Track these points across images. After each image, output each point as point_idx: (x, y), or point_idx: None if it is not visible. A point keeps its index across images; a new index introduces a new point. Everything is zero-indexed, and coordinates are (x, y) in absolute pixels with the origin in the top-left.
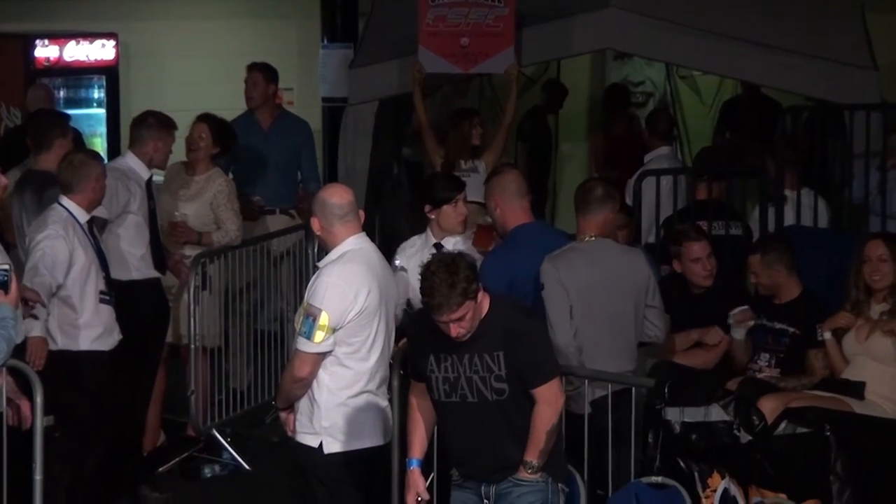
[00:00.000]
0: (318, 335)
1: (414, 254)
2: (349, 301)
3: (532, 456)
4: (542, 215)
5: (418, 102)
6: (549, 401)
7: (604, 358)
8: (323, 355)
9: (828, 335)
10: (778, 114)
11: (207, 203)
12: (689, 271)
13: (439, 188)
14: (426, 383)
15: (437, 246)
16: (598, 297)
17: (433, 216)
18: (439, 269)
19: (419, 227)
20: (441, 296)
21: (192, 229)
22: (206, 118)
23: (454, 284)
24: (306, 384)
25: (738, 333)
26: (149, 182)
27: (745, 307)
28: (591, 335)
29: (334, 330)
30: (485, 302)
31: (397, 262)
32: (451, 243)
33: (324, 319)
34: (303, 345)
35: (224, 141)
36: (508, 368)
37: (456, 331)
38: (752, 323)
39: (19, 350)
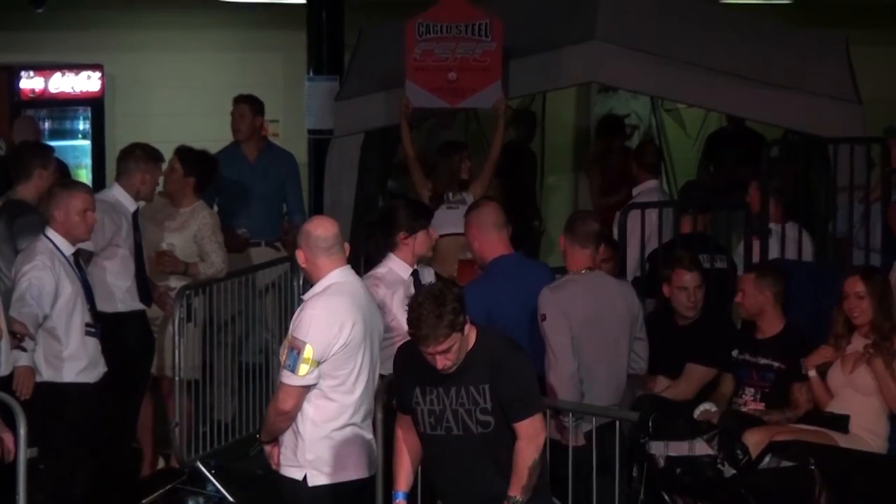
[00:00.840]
0: (303, 368)
1: (393, 284)
2: (334, 334)
3: (515, 492)
4: (534, 250)
5: (405, 136)
6: (530, 436)
7: (602, 388)
8: (307, 388)
9: (812, 373)
10: (762, 147)
11: (191, 236)
12: (675, 298)
13: (411, 215)
14: (412, 415)
15: (415, 273)
16: (596, 329)
17: (408, 243)
18: (427, 301)
19: (375, 260)
20: (428, 327)
21: (179, 259)
22: (178, 150)
23: (441, 316)
24: (290, 417)
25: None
26: (135, 214)
27: (710, 405)
28: (590, 366)
29: (319, 363)
30: (472, 334)
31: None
32: (426, 274)
33: (308, 352)
34: (287, 378)
35: (198, 170)
36: (494, 402)
37: (442, 363)
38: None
39: (3, 381)
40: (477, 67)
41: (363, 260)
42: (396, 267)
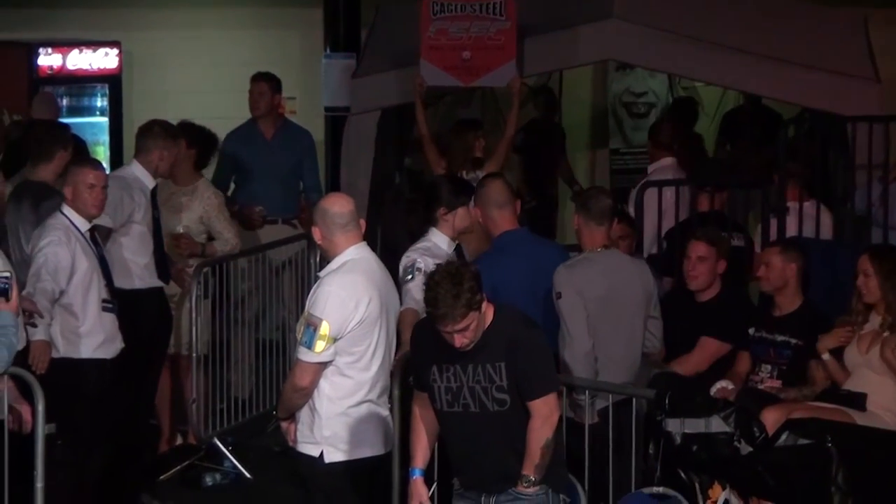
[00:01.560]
0: (319, 345)
1: (436, 258)
2: (350, 310)
3: (528, 470)
4: (550, 226)
5: (420, 115)
6: (544, 415)
7: (617, 367)
8: (324, 365)
9: (826, 356)
10: (779, 125)
11: (198, 217)
12: (684, 268)
13: (452, 191)
14: (428, 393)
15: (458, 247)
16: (612, 308)
17: (448, 219)
18: (444, 280)
19: (419, 234)
20: (445, 306)
21: (196, 242)
22: (179, 125)
23: (459, 295)
24: (307, 394)
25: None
26: (153, 191)
27: (726, 384)
28: (605, 345)
29: (335, 339)
30: (489, 311)
31: (420, 267)
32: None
33: (324, 329)
34: (303, 354)
35: (200, 143)
36: (510, 380)
37: (460, 341)
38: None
39: (21, 356)
40: (491, 46)
41: (380, 236)
42: (438, 241)
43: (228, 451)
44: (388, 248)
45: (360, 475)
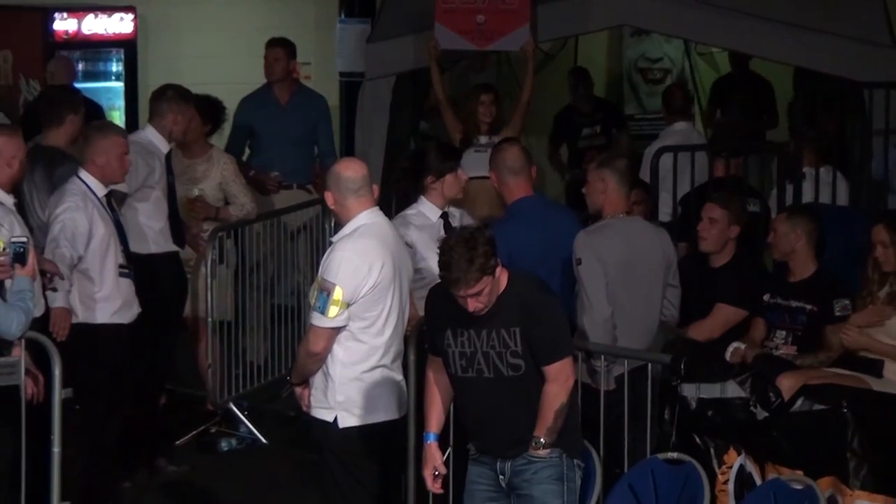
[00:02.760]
0: (332, 310)
1: (422, 227)
2: (363, 275)
3: (540, 433)
4: None
5: (435, 79)
6: (559, 379)
7: (635, 334)
8: (337, 330)
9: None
10: (768, 92)
11: (216, 183)
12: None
13: (440, 157)
14: (443, 358)
15: (444, 216)
16: (632, 274)
17: (436, 186)
18: (458, 244)
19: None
20: (459, 270)
21: (211, 205)
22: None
23: (472, 259)
24: (320, 359)
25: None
26: (168, 156)
27: (739, 345)
28: (625, 312)
29: (348, 304)
30: (503, 277)
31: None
32: (458, 216)
33: (337, 294)
34: (317, 320)
35: (211, 116)
36: (524, 345)
37: (474, 305)
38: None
39: (39, 322)
40: (505, 10)
41: (395, 202)
42: (426, 209)
43: (244, 415)
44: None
45: (373, 440)
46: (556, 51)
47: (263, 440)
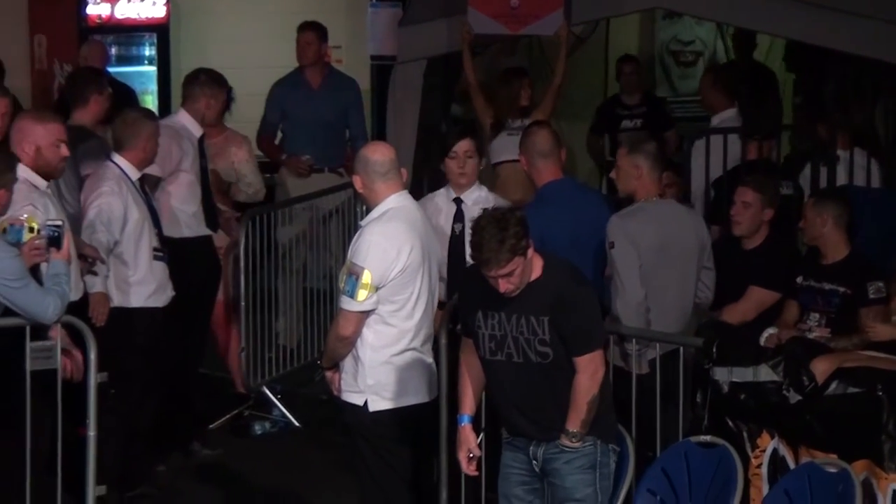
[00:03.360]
0: (361, 294)
1: (433, 213)
2: (391, 259)
3: (573, 425)
4: None
5: (467, 63)
6: (589, 371)
7: (669, 318)
8: (366, 314)
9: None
10: (773, 82)
11: (230, 164)
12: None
13: (445, 139)
14: (473, 339)
15: (457, 201)
16: (666, 257)
17: (443, 170)
18: (489, 225)
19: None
20: (490, 251)
21: (223, 179)
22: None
23: (503, 240)
24: (350, 343)
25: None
26: (201, 140)
27: (774, 330)
28: (658, 295)
29: (377, 288)
30: (537, 262)
31: None
32: (472, 198)
33: (366, 278)
34: (346, 304)
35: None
36: (553, 334)
37: (505, 286)
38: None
39: (75, 307)
40: None
41: (426, 186)
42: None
43: (277, 399)
44: None
45: (404, 423)
46: (588, 34)
47: (297, 423)
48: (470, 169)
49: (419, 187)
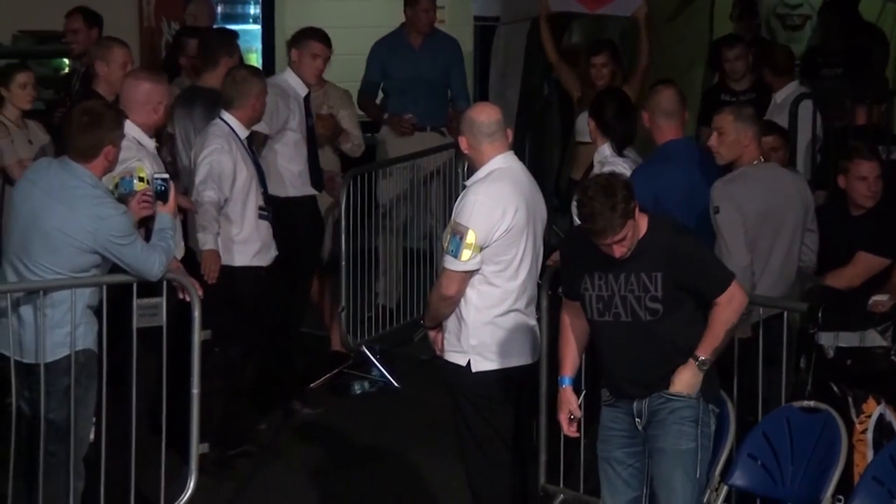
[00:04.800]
0: (465, 253)
1: None
2: (496, 219)
3: (705, 352)
4: None
5: (547, 41)
6: (731, 304)
7: (773, 281)
8: (470, 274)
9: None
10: (880, 42)
11: (329, 115)
12: (853, 189)
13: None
14: (580, 301)
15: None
16: (770, 221)
17: None
18: (597, 194)
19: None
20: (604, 220)
21: (338, 124)
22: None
23: (614, 207)
24: (454, 302)
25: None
26: (307, 98)
27: (883, 297)
28: (763, 259)
29: (481, 248)
30: (642, 221)
31: None
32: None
33: (471, 238)
34: (450, 263)
35: None
36: (665, 289)
37: (619, 251)
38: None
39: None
40: None
41: (527, 148)
42: None
43: (376, 359)
44: (537, 159)
45: (507, 384)
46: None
47: (395, 384)
48: None
49: (521, 148)
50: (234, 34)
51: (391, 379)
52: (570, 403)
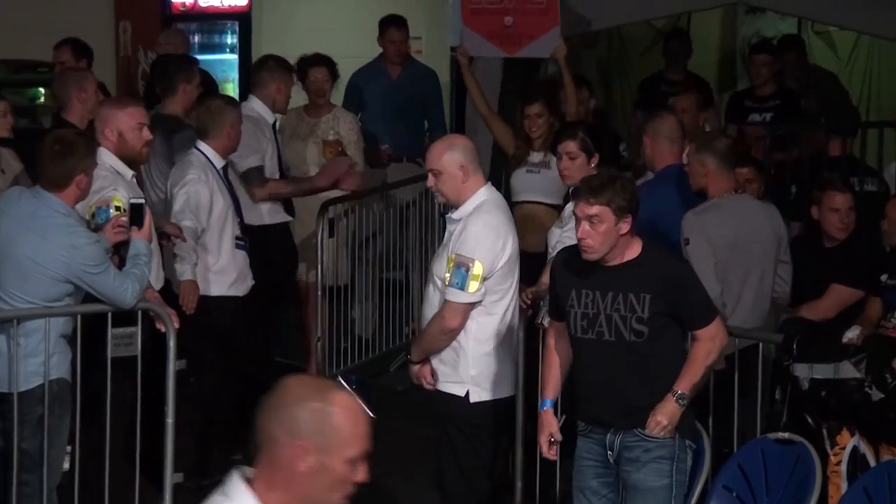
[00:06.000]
0: (473, 285)
1: None
2: (498, 249)
3: (684, 387)
4: None
5: (472, 90)
6: (711, 335)
7: (746, 313)
8: (473, 305)
9: None
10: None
11: (337, 140)
12: (826, 221)
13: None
14: (565, 319)
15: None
16: (741, 253)
17: None
18: (607, 172)
19: None
20: (589, 185)
21: (344, 149)
22: (323, 61)
23: (605, 184)
24: (455, 335)
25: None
26: (274, 126)
27: (857, 329)
28: (735, 291)
29: (485, 279)
30: (636, 243)
31: None
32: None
33: (477, 269)
34: (456, 296)
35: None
36: (652, 312)
37: (584, 232)
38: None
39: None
40: (533, 11)
41: (504, 179)
42: None
43: (352, 389)
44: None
45: (499, 414)
46: (669, 28)
47: (371, 414)
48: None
49: (497, 180)
50: (194, 61)
51: (367, 409)
52: (551, 426)
